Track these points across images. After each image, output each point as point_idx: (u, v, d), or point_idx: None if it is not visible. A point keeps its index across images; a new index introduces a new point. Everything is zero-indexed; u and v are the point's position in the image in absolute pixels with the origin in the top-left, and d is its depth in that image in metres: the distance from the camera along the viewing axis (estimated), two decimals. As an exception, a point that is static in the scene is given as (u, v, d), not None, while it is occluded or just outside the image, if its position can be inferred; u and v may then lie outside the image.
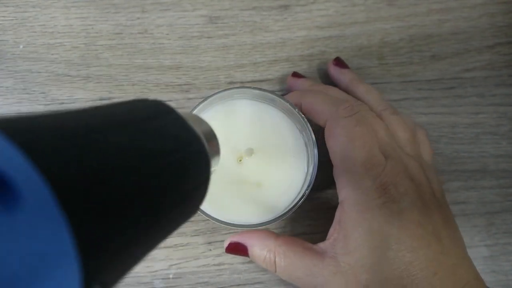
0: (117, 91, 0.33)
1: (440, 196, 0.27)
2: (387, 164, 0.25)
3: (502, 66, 0.35)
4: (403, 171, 0.25)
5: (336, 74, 0.33)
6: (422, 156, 0.28)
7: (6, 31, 0.34)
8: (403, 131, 0.28)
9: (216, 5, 0.35)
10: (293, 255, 0.26)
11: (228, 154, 0.29)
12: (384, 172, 0.25)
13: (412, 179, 0.25)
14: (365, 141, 0.25)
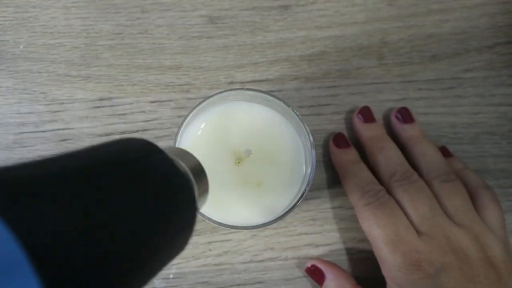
0: (117, 91, 0.33)
1: (500, 263, 0.26)
2: (420, 240, 0.26)
3: (502, 66, 0.35)
4: (443, 245, 0.26)
5: (396, 128, 0.32)
6: (481, 222, 0.27)
7: (7, 31, 0.34)
8: (454, 199, 0.28)
9: (216, 5, 0.35)
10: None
11: (226, 156, 0.29)
12: (416, 249, 0.25)
13: (455, 252, 0.25)
14: (389, 220, 0.27)
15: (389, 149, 0.30)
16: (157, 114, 0.33)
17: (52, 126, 0.33)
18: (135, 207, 0.13)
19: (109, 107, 0.33)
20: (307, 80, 0.34)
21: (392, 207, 0.27)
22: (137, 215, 0.13)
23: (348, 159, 0.31)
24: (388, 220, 0.27)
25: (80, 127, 0.33)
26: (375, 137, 0.31)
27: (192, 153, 0.20)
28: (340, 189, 0.32)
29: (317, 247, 0.32)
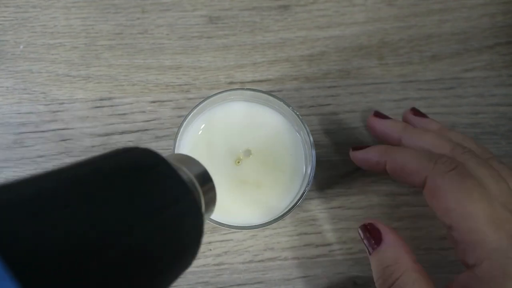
0: (117, 91, 0.33)
1: None
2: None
3: (502, 66, 0.35)
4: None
5: (421, 124, 0.29)
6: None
7: (7, 31, 0.34)
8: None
9: (216, 5, 0.35)
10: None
11: (226, 156, 0.29)
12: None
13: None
14: (482, 193, 0.21)
15: (432, 131, 0.26)
16: (157, 114, 0.33)
17: (52, 126, 0.33)
18: (133, 221, 0.13)
19: (109, 107, 0.33)
20: (307, 80, 0.34)
21: (476, 182, 0.22)
22: (136, 229, 0.13)
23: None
24: (481, 193, 0.21)
25: (80, 127, 0.33)
26: (407, 126, 0.28)
27: (198, 160, 0.19)
28: (340, 189, 0.32)
29: (317, 247, 0.32)
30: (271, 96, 0.29)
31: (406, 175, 0.24)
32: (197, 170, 0.18)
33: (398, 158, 0.25)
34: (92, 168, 0.13)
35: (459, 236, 0.22)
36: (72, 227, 0.11)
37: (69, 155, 0.32)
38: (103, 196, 0.12)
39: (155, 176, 0.15)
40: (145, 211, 0.13)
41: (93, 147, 0.32)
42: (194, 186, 0.17)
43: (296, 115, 0.28)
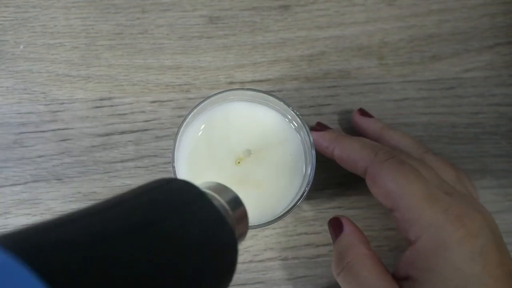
0: (117, 91, 0.33)
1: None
2: (451, 198, 0.23)
3: (502, 67, 0.35)
4: (471, 205, 0.23)
5: (364, 123, 0.31)
6: (472, 195, 0.27)
7: (7, 31, 0.34)
8: (450, 171, 0.27)
9: (216, 5, 0.35)
10: (372, 278, 0.23)
11: (226, 156, 0.29)
12: (454, 204, 0.22)
13: (482, 213, 0.23)
14: (418, 176, 0.23)
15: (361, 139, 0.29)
16: (157, 114, 0.33)
17: (52, 126, 0.33)
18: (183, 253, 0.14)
19: (109, 107, 0.33)
20: (307, 80, 0.34)
21: (412, 166, 0.24)
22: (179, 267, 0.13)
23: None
24: (417, 175, 0.23)
25: (80, 127, 0.33)
26: (339, 135, 0.30)
27: (231, 189, 0.19)
28: (340, 189, 0.32)
29: (317, 247, 0.32)
30: (271, 96, 0.29)
31: (351, 163, 0.26)
32: (232, 202, 0.18)
33: (345, 147, 0.27)
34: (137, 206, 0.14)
35: (399, 215, 0.23)
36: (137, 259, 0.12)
37: (69, 155, 0.32)
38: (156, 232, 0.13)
39: (197, 209, 0.16)
40: (190, 244, 0.14)
41: (93, 147, 0.32)
42: (229, 215, 0.17)
43: (296, 115, 0.28)
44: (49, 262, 0.09)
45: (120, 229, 0.12)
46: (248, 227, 0.20)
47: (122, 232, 0.12)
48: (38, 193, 0.32)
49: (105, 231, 0.12)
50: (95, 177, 0.32)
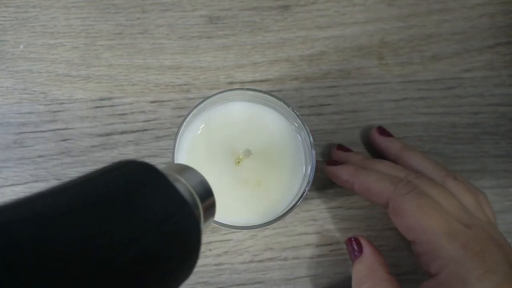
0: (117, 91, 0.33)
1: None
2: (471, 231, 0.24)
3: (502, 66, 0.35)
4: (490, 237, 0.24)
5: (383, 143, 0.32)
6: (491, 221, 0.27)
7: (7, 31, 0.34)
8: (469, 197, 0.26)
9: (216, 5, 0.35)
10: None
11: (226, 155, 0.29)
12: (474, 239, 0.23)
13: (501, 246, 0.24)
14: (437, 209, 0.24)
15: (381, 167, 0.29)
16: (157, 114, 0.33)
17: (52, 126, 0.33)
18: (139, 233, 0.13)
19: (109, 107, 0.33)
20: (307, 80, 0.34)
21: (432, 199, 0.25)
22: (141, 239, 0.13)
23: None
24: (436, 209, 0.24)
25: (80, 127, 0.33)
26: (364, 159, 0.31)
27: (196, 170, 0.19)
28: (340, 189, 0.32)
29: (317, 247, 0.32)
30: (271, 96, 0.29)
31: (372, 196, 0.27)
32: (195, 180, 0.18)
33: (364, 180, 0.27)
34: (96, 186, 0.14)
35: (420, 249, 0.24)
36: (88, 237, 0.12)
37: (69, 155, 0.32)
38: (111, 212, 0.13)
39: (154, 190, 0.15)
40: (146, 224, 0.14)
41: (93, 147, 0.32)
42: (192, 196, 0.17)
43: (296, 115, 0.28)
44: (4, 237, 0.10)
45: (74, 208, 0.13)
46: (215, 211, 0.19)
47: (75, 210, 0.12)
48: (38, 193, 0.32)
49: (58, 210, 0.12)
50: (95, 177, 0.32)
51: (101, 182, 0.14)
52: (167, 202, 0.15)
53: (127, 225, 0.13)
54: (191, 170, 0.19)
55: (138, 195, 0.15)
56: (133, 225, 0.14)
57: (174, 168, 0.18)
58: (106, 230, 0.13)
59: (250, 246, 0.31)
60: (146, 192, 0.15)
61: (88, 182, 0.14)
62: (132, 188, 0.15)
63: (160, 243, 0.14)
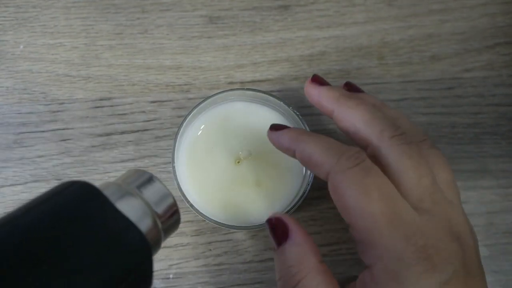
0: (117, 91, 0.33)
1: (480, 260, 0.22)
2: (423, 219, 0.20)
3: (502, 66, 0.35)
4: (447, 228, 0.20)
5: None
6: (459, 204, 0.23)
7: (7, 31, 0.34)
8: (446, 172, 0.22)
9: (216, 5, 0.35)
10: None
11: (226, 156, 0.29)
12: (421, 231, 0.20)
13: (458, 238, 0.20)
14: (383, 192, 0.20)
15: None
16: (157, 114, 0.33)
17: (52, 126, 0.33)
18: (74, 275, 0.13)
19: (109, 107, 0.33)
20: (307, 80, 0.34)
21: (381, 175, 0.21)
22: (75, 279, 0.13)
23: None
24: (382, 191, 0.20)
25: (80, 127, 0.33)
26: (343, 95, 0.25)
27: (153, 176, 0.18)
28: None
29: (317, 247, 0.32)
30: (271, 96, 0.29)
31: (313, 167, 0.23)
32: (153, 192, 0.17)
33: (306, 148, 0.23)
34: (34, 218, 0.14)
35: (357, 235, 0.21)
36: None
37: (69, 155, 0.32)
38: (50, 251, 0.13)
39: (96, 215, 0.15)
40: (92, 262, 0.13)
41: (93, 147, 0.32)
42: (147, 212, 0.16)
43: (296, 115, 0.28)
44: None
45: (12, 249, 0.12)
46: (179, 215, 0.18)
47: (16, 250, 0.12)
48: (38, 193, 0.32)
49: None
50: (95, 177, 0.32)
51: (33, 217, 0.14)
52: (112, 226, 0.15)
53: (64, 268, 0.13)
54: (148, 178, 0.18)
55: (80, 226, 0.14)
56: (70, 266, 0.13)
57: (128, 180, 0.17)
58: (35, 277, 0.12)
59: (250, 246, 0.31)
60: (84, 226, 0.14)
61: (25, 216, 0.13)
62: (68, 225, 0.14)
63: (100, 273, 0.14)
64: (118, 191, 0.16)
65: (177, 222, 0.18)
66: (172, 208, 0.18)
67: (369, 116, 0.23)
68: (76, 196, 0.15)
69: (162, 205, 0.17)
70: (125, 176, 0.18)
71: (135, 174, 0.18)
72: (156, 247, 0.17)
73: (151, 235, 0.16)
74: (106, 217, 0.15)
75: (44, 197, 0.15)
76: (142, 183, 0.17)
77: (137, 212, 0.16)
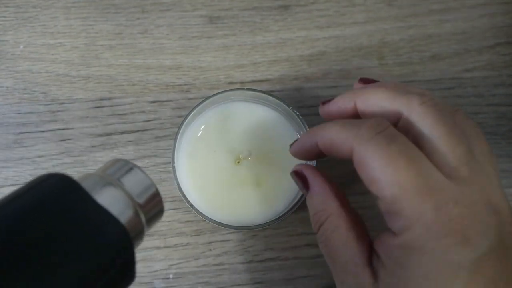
0: (117, 91, 0.33)
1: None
2: (457, 188, 0.18)
3: (502, 66, 0.35)
4: (484, 200, 0.19)
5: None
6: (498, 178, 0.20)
7: (7, 31, 0.34)
8: (482, 142, 0.21)
9: (216, 5, 0.35)
10: (341, 244, 0.21)
11: (226, 155, 0.29)
12: (454, 200, 0.18)
13: (496, 213, 0.18)
14: (410, 158, 0.19)
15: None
16: (157, 114, 0.33)
17: (52, 126, 0.33)
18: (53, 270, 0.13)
19: (109, 107, 0.33)
20: (307, 80, 0.34)
21: (407, 142, 0.19)
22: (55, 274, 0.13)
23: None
24: (409, 158, 0.18)
25: (80, 127, 0.33)
26: (357, 90, 0.24)
27: (136, 166, 0.17)
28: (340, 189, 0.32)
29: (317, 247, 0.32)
30: (271, 96, 0.29)
31: (337, 151, 0.21)
32: (135, 182, 0.17)
33: (325, 134, 0.22)
34: (12, 211, 0.13)
35: (384, 206, 0.19)
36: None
37: (69, 155, 0.32)
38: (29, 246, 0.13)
39: (74, 208, 0.15)
40: (73, 253, 0.13)
41: (93, 147, 0.32)
42: (128, 203, 0.16)
43: (296, 115, 0.28)
44: None
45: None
46: (162, 205, 0.18)
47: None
48: (38, 193, 0.32)
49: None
50: (95, 177, 0.32)
51: (10, 210, 0.13)
52: (93, 219, 0.15)
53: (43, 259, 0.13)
54: (131, 169, 0.17)
55: (61, 218, 0.14)
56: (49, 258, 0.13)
57: (109, 171, 0.17)
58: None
59: (250, 246, 0.31)
60: (63, 218, 0.14)
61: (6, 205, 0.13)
62: (47, 217, 0.14)
63: (81, 268, 0.13)
64: (98, 182, 0.16)
65: (161, 212, 0.18)
66: (154, 198, 0.17)
67: (393, 92, 0.21)
68: (54, 189, 0.15)
69: (144, 195, 0.17)
70: (106, 166, 0.17)
71: (116, 164, 0.17)
72: (138, 238, 0.17)
73: (133, 226, 0.16)
74: (85, 210, 0.15)
75: (21, 190, 0.14)
76: (123, 173, 0.17)
77: (117, 203, 0.16)
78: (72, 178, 0.15)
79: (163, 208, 0.18)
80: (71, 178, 0.15)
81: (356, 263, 0.21)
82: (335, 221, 0.22)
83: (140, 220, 0.16)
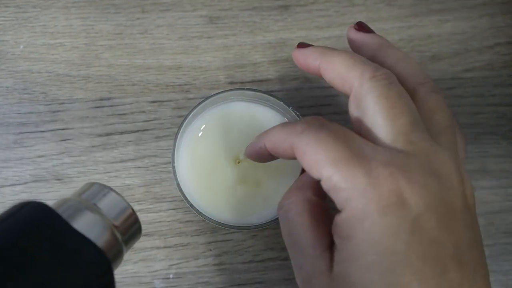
0: (117, 91, 0.33)
1: (472, 206, 0.20)
2: (387, 152, 0.19)
3: (502, 67, 0.35)
4: (424, 165, 0.19)
5: (360, 39, 0.24)
6: (458, 154, 0.21)
7: (7, 31, 0.34)
8: (443, 115, 0.21)
9: (216, 5, 0.35)
10: (301, 228, 0.21)
11: (226, 155, 0.29)
12: (384, 163, 0.18)
13: (438, 176, 0.19)
14: (338, 136, 0.19)
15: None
16: (157, 114, 0.33)
17: (52, 126, 0.33)
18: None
19: (109, 107, 0.33)
20: (307, 80, 0.34)
21: (337, 126, 0.20)
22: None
23: None
24: (337, 137, 0.19)
25: (80, 127, 0.33)
26: (328, 48, 0.24)
27: (110, 189, 0.18)
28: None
29: (317, 247, 0.32)
30: (271, 96, 0.29)
31: (282, 151, 0.22)
32: (108, 201, 0.17)
33: (269, 136, 0.23)
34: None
35: (325, 186, 0.20)
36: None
37: (69, 155, 0.32)
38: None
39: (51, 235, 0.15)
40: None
41: (93, 147, 0.32)
42: (102, 223, 0.17)
43: (296, 115, 0.28)
44: None
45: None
46: (139, 224, 0.18)
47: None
48: (38, 193, 0.32)
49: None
50: (95, 177, 0.32)
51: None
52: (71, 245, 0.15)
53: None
54: (105, 192, 0.18)
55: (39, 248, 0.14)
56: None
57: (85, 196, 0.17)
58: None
59: (250, 246, 0.31)
60: (45, 241, 0.14)
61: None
62: (34, 240, 0.14)
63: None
64: (73, 207, 0.16)
65: (138, 231, 0.18)
66: (130, 218, 0.18)
67: (351, 60, 0.21)
68: (29, 218, 0.15)
69: (120, 217, 0.17)
70: (80, 191, 0.18)
71: (91, 187, 0.18)
72: (117, 259, 0.17)
73: (111, 248, 0.16)
74: (61, 236, 0.15)
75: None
76: (98, 196, 0.17)
77: (93, 227, 0.16)
78: (48, 206, 0.15)
79: (141, 227, 0.18)
80: (46, 205, 0.15)
81: (315, 246, 0.20)
82: (304, 206, 0.22)
83: (118, 241, 0.17)
